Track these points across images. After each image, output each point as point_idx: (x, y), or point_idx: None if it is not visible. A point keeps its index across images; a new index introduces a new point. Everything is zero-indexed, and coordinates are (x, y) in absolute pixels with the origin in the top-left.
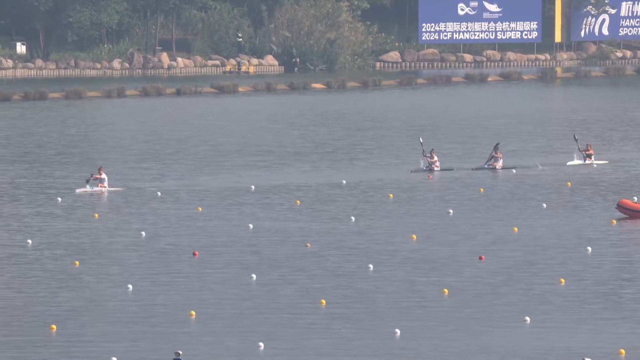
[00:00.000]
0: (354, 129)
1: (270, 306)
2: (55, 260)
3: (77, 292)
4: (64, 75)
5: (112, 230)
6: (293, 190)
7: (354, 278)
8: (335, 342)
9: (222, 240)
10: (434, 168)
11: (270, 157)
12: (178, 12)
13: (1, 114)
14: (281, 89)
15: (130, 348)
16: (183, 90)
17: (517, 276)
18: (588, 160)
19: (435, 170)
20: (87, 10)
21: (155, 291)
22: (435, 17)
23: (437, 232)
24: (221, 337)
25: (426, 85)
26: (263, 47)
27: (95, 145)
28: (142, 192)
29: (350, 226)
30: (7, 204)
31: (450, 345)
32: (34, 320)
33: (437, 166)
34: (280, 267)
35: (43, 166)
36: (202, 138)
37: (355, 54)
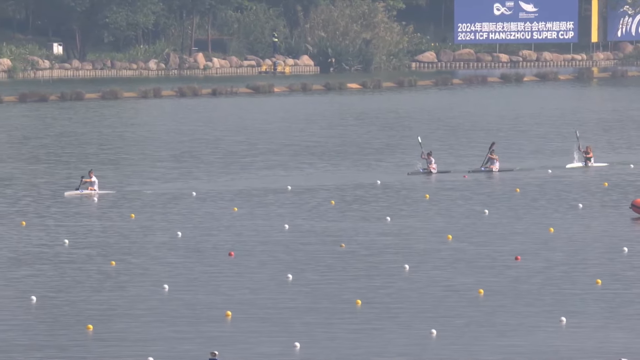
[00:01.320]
0: (389, 129)
1: (306, 306)
2: (91, 260)
3: (114, 292)
4: (100, 75)
5: (148, 230)
6: (328, 190)
7: (389, 278)
8: (371, 342)
9: (258, 240)
10: (431, 170)
11: (306, 157)
12: (214, 13)
13: (38, 114)
14: (317, 89)
15: (166, 348)
16: (219, 91)
17: (554, 276)
18: (588, 163)
19: (432, 173)
20: (124, 11)
21: (191, 291)
22: (471, 17)
23: (473, 232)
24: (257, 337)
25: (462, 85)
26: (299, 47)
27: (130, 145)
28: (140, 193)
29: (386, 226)
30: (45, 204)
31: (486, 346)
32: (71, 321)
33: (434, 168)
34: (315, 267)
35: (79, 166)
36: (238, 138)
37: (391, 54)
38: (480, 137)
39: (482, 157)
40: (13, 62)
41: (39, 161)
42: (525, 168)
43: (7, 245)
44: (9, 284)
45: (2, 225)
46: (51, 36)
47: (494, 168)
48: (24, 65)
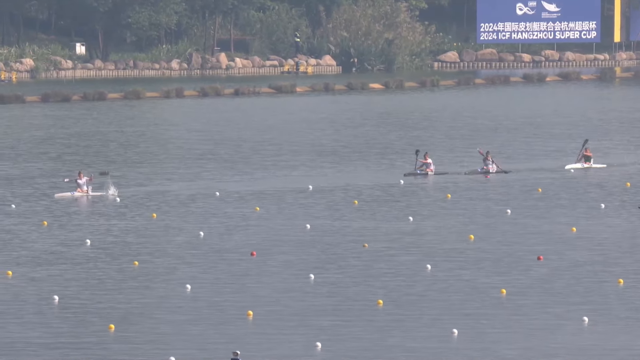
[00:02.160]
0: (412, 129)
1: (328, 306)
2: (114, 260)
3: (136, 292)
4: (122, 75)
5: (170, 230)
6: (350, 190)
7: (411, 278)
8: (392, 342)
9: (280, 240)
10: (428, 172)
11: (328, 157)
12: (236, 13)
13: (61, 114)
14: (339, 89)
15: (188, 348)
16: (241, 91)
17: (576, 276)
18: (587, 164)
19: (429, 175)
20: (146, 11)
21: (213, 291)
22: (493, 17)
23: (495, 232)
24: (278, 337)
25: (484, 85)
26: (321, 47)
27: (153, 145)
28: (153, 194)
29: (408, 226)
30: (66, 204)
31: (508, 345)
32: (93, 320)
33: (431, 170)
34: (337, 267)
35: (100, 166)
36: (260, 138)
37: (413, 54)
38: (501, 137)
39: (503, 157)
40: (36, 62)
41: (61, 161)
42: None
43: (29, 245)
44: (31, 283)
45: (24, 224)
46: (74, 36)
47: (491, 169)
48: (46, 65)
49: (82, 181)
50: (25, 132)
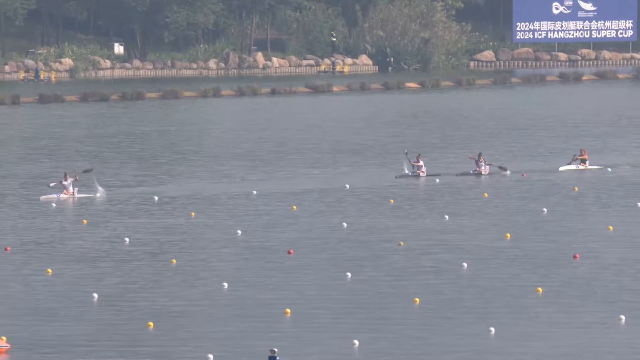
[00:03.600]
0: (448, 127)
1: (365, 304)
2: (152, 258)
3: (174, 290)
4: (160, 75)
5: (208, 229)
6: (386, 189)
7: (447, 276)
8: (429, 340)
9: (317, 239)
10: (419, 174)
11: (365, 156)
12: (273, 13)
13: (99, 113)
14: (375, 89)
15: (225, 345)
16: (278, 90)
17: (612, 275)
18: (582, 166)
19: (421, 176)
20: (184, 11)
21: (250, 289)
22: (529, 16)
23: (531, 230)
24: (316, 335)
25: (520, 84)
26: (357, 46)
27: (190, 144)
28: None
29: (444, 224)
30: (106, 202)
31: (545, 343)
32: (132, 318)
33: (423, 172)
34: (373, 265)
35: (139, 165)
36: (297, 137)
37: (449, 53)
38: (535, 135)
39: (537, 156)
40: (75, 62)
41: (99, 159)
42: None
43: (68, 243)
44: (71, 281)
45: (64, 223)
46: (112, 36)
47: (484, 171)
48: (85, 65)
49: (67, 182)
50: (65, 132)
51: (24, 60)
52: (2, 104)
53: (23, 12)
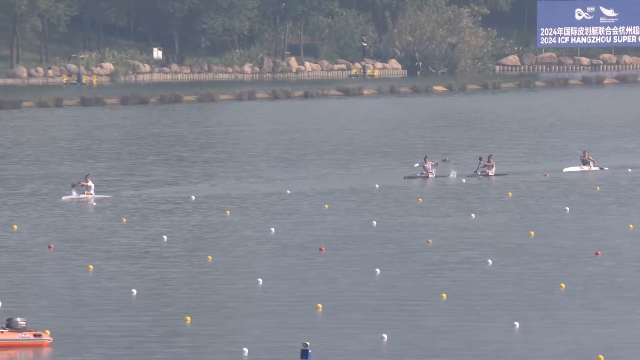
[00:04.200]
0: (474, 129)
1: (393, 299)
2: (189, 255)
3: (210, 285)
4: (197, 79)
5: (243, 227)
6: (414, 188)
7: (473, 272)
8: (455, 333)
9: (347, 236)
10: (428, 175)
11: (394, 156)
12: (306, 19)
13: (139, 115)
14: (404, 92)
15: (260, 339)
16: (310, 93)
17: (633, 271)
18: (586, 167)
19: (430, 177)
20: (220, 17)
21: (283, 284)
22: (553, 22)
23: (554, 228)
24: (347, 329)
25: (544, 87)
26: (387, 51)
27: (226, 146)
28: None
29: (470, 222)
30: (143, 201)
31: (567, 337)
32: (170, 313)
33: (432, 173)
34: (402, 262)
35: (177, 165)
36: (328, 139)
37: (476, 57)
38: (559, 136)
39: (558, 156)
40: (115, 66)
41: (138, 160)
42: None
43: (109, 241)
44: (111, 277)
45: (104, 221)
46: (151, 41)
47: (490, 172)
48: (125, 69)
49: (89, 184)
50: (106, 133)
51: (67, 65)
52: (46, 107)
53: (66, 18)
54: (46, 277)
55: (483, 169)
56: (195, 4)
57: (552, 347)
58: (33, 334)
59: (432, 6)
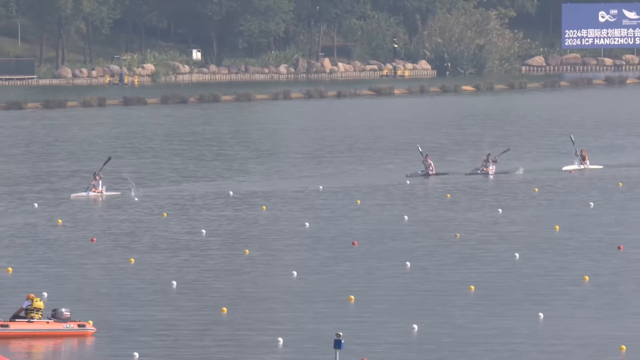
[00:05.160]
0: (501, 127)
1: (423, 291)
2: (226, 248)
3: (247, 278)
4: (235, 79)
5: (278, 221)
6: (444, 184)
7: (500, 265)
8: (483, 324)
9: (379, 230)
10: (429, 172)
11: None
12: (339, 21)
13: (178, 115)
14: (434, 91)
15: (294, 329)
16: (343, 93)
17: None
18: (583, 164)
19: (430, 175)
20: (257, 20)
21: (317, 277)
22: (577, 24)
23: (579, 223)
24: (378, 320)
25: (569, 87)
26: (417, 52)
27: (263, 144)
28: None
29: (498, 217)
30: (182, 197)
31: (590, 329)
32: (208, 303)
33: (432, 170)
34: (432, 255)
35: (215, 162)
36: (361, 136)
37: (503, 58)
38: (584, 134)
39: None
40: (156, 67)
41: (178, 157)
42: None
43: (149, 235)
44: (151, 269)
45: (146, 215)
46: (191, 43)
47: (490, 171)
48: (166, 70)
49: (96, 182)
50: (148, 132)
51: (110, 66)
52: (89, 106)
53: (109, 21)
54: (89, 269)
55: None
56: (232, 7)
57: (576, 337)
58: (77, 324)
59: (460, 9)
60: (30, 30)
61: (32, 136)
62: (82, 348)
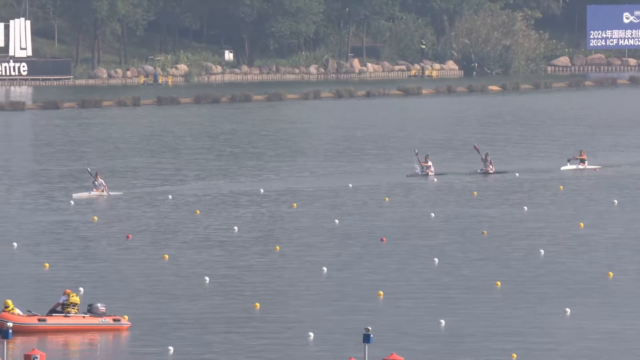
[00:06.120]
0: (527, 126)
1: (451, 287)
2: (258, 244)
3: (278, 274)
4: (266, 79)
5: (308, 218)
6: (470, 182)
7: (526, 261)
8: (510, 319)
9: (407, 227)
10: (428, 173)
11: (450, 152)
12: (368, 22)
13: (211, 114)
14: (461, 91)
15: (324, 324)
16: (372, 93)
17: None
18: (581, 165)
19: (430, 175)
20: (288, 21)
21: (347, 273)
22: (602, 24)
23: (603, 220)
24: (406, 315)
25: (593, 87)
26: (444, 53)
27: (293, 142)
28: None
29: (523, 214)
30: (214, 194)
31: (614, 324)
32: (240, 299)
33: (431, 171)
34: (459, 251)
35: (247, 160)
36: (389, 135)
37: (529, 59)
38: (604, 134)
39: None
40: (189, 68)
41: (210, 155)
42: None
43: (183, 232)
44: (185, 265)
45: (178, 213)
46: (223, 44)
47: (490, 170)
48: (198, 70)
49: (98, 182)
50: (183, 130)
51: (144, 66)
52: (124, 106)
53: (143, 23)
54: (125, 265)
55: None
56: (264, 9)
57: (601, 331)
58: (112, 319)
59: (487, 10)
60: (66, 32)
61: (68, 135)
62: (117, 342)
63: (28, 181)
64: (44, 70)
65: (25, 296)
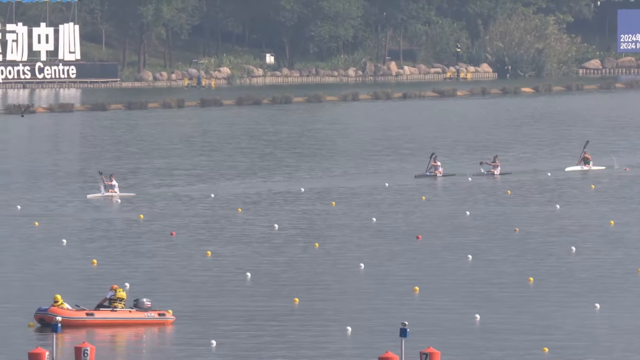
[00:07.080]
0: (560, 127)
1: (484, 283)
2: (298, 241)
3: (317, 270)
4: (306, 81)
5: (347, 216)
6: (503, 180)
7: (558, 258)
8: (541, 314)
9: (443, 225)
10: (437, 174)
11: (486, 151)
12: (405, 26)
13: (253, 115)
14: (494, 93)
15: (362, 319)
16: (408, 95)
17: None
18: (586, 166)
19: (438, 176)
20: (327, 25)
21: (384, 269)
22: (632, 28)
23: (633, 218)
24: (441, 310)
25: (624, 89)
26: (479, 56)
27: (332, 142)
28: None
29: (555, 213)
30: (257, 194)
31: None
32: (280, 294)
33: (440, 172)
34: (492, 248)
35: (288, 160)
36: (425, 136)
37: (561, 61)
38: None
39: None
40: (232, 70)
41: (252, 155)
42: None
43: (225, 229)
44: (227, 262)
45: (222, 210)
46: (264, 48)
47: (495, 172)
48: (241, 73)
49: (113, 183)
50: (239, 130)
51: (188, 69)
52: (169, 107)
53: (188, 27)
54: (169, 261)
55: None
56: (304, 14)
57: (630, 327)
58: (157, 313)
59: (520, 14)
60: (113, 36)
61: (115, 135)
62: (162, 336)
63: (76, 180)
64: (92, 73)
65: (74, 291)
